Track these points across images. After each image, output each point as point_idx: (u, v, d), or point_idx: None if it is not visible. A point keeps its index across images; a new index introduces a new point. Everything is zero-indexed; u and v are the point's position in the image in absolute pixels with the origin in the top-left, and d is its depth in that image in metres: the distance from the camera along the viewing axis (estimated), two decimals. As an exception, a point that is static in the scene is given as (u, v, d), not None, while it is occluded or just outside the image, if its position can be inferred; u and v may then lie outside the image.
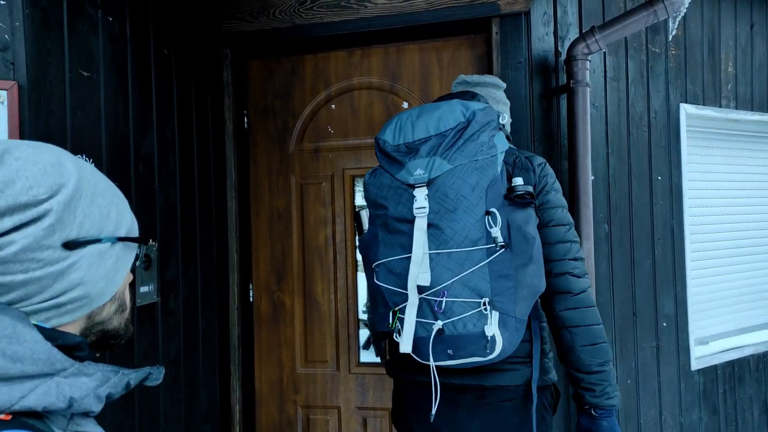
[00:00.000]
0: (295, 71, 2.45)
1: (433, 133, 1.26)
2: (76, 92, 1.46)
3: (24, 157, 0.64)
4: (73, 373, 0.62)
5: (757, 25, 2.93)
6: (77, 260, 0.67)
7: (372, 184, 1.33)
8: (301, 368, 2.42)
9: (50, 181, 0.64)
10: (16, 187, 0.62)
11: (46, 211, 0.63)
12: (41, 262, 0.63)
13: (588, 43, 2.07)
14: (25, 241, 0.62)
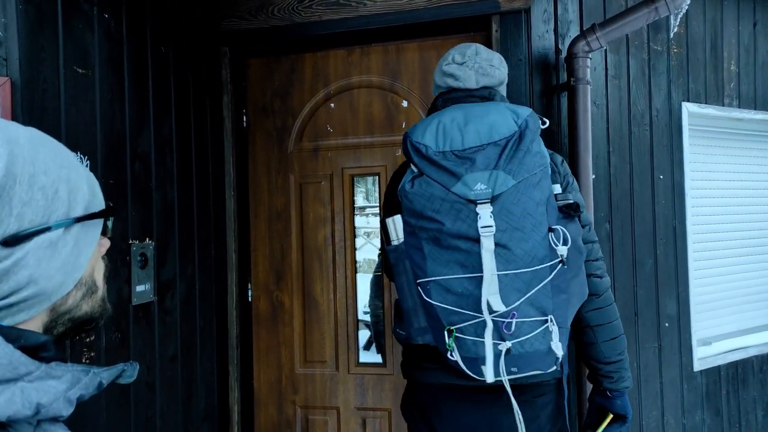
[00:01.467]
0: (295, 70, 2.44)
1: (485, 141, 1.20)
2: (71, 89, 1.45)
3: None
4: (39, 376, 0.56)
5: (760, 23, 2.90)
6: (22, 257, 0.58)
7: (418, 195, 1.23)
8: (300, 368, 2.41)
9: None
10: None
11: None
12: None
13: (589, 41, 2.05)
14: None
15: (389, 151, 2.35)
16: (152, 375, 1.78)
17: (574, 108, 2.07)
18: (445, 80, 1.45)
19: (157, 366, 1.80)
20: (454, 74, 1.43)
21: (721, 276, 2.83)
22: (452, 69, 1.43)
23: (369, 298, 2.57)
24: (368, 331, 3.63)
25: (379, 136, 2.36)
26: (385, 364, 2.33)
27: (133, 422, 1.67)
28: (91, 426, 1.48)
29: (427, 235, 1.24)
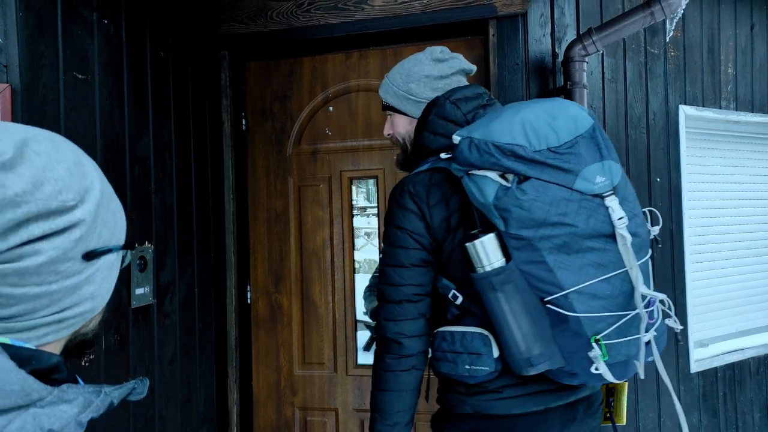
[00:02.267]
0: (293, 73, 2.46)
1: (575, 134, 1.13)
2: (71, 95, 1.46)
3: (46, 152, 0.55)
4: (52, 401, 0.55)
5: (757, 26, 2.92)
6: (93, 273, 0.60)
7: (538, 200, 1.09)
8: (299, 370, 2.42)
9: (77, 184, 0.57)
10: (46, 190, 0.54)
11: (78, 221, 0.57)
12: (59, 275, 0.56)
13: (585, 45, 2.06)
14: (52, 254, 0.55)
15: (387, 155, 2.37)
16: (151, 377, 1.79)
17: (571, 112, 2.08)
18: (451, 80, 1.40)
19: (156, 368, 1.82)
20: (454, 71, 1.41)
21: (717, 278, 2.84)
22: (446, 68, 1.41)
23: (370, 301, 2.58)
24: (368, 332, 3.66)
25: (378, 140, 2.38)
26: (383, 366, 2.35)
27: (132, 424, 1.68)
28: (90, 428, 1.49)
29: (551, 245, 1.11)
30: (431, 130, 1.31)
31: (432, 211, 1.25)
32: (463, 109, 1.31)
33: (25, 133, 0.56)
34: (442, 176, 1.26)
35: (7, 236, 0.52)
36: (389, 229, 1.28)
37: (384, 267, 1.28)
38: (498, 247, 1.14)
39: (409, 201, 1.27)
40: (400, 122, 1.45)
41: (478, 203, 1.16)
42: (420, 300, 1.26)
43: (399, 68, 1.44)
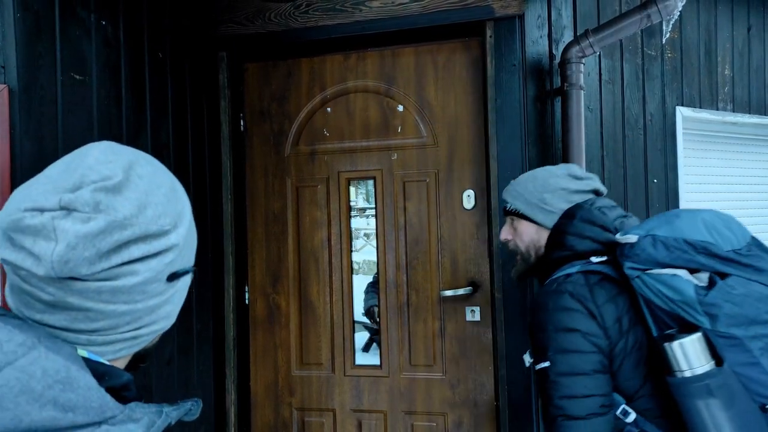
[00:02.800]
0: (291, 74, 2.46)
1: (748, 239, 1.12)
2: (68, 95, 1.47)
3: (148, 176, 0.59)
4: (122, 420, 0.56)
5: (754, 27, 2.93)
6: (173, 294, 0.63)
7: (747, 296, 1.04)
8: (297, 370, 2.42)
9: (172, 209, 0.60)
10: (148, 214, 0.57)
11: (172, 246, 0.59)
12: (146, 295, 0.59)
13: (582, 46, 2.07)
14: (147, 275, 0.57)
15: (385, 155, 2.37)
16: (149, 378, 1.79)
17: (567, 113, 2.09)
18: (584, 198, 1.39)
19: (153, 368, 1.82)
20: (588, 190, 1.41)
21: (715, 279, 2.84)
22: (582, 185, 1.40)
23: (367, 299, 2.59)
24: (367, 333, 3.66)
25: (375, 141, 2.38)
26: (381, 366, 2.35)
27: (130, 424, 1.69)
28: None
29: (762, 344, 1.05)
30: (578, 234, 1.29)
31: (602, 311, 1.18)
32: (610, 216, 1.31)
33: (130, 155, 0.60)
34: (599, 278, 1.22)
35: (110, 256, 0.55)
36: (551, 335, 1.17)
37: (557, 378, 1.14)
38: (706, 348, 1.06)
39: (571, 301, 1.19)
40: (526, 230, 1.43)
41: (666, 302, 1.09)
42: (607, 412, 1.14)
43: (530, 177, 1.44)
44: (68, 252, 0.53)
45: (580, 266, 1.25)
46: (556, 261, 1.32)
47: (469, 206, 2.29)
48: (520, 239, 1.44)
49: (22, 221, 0.53)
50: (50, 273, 0.53)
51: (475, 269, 2.28)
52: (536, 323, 1.23)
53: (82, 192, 0.54)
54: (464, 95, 2.31)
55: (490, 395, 2.25)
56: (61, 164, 0.59)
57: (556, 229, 1.34)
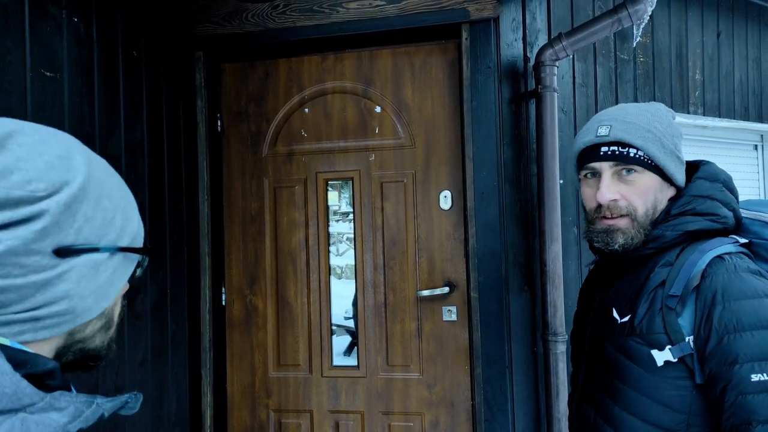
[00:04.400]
0: (269, 75, 2.46)
1: None
2: (38, 92, 1.45)
3: (29, 144, 0.56)
4: (42, 408, 0.53)
5: (723, 33, 3.00)
6: (67, 270, 0.58)
7: None
8: (274, 372, 2.41)
9: (54, 176, 0.56)
10: (13, 179, 0.54)
11: (42, 212, 0.55)
12: (25, 269, 0.55)
13: (555, 50, 2.11)
14: (10, 243, 0.54)
15: (363, 156, 2.38)
16: (121, 378, 1.77)
17: (541, 115, 2.12)
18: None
19: (126, 369, 1.80)
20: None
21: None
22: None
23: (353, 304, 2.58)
24: (349, 337, 3.65)
25: (353, 141, 2.39)
26: (358, 366, 2.35)
27: (102, 426, 1.66)
28: (57, 429, 1.47)
29: None
30: (726, 203, 1.05)
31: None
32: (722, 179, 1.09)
33: (16, 126, 0.57)
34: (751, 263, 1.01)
35: None
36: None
37: None
38: None
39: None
40: (651, 185, 1.06)
41: None
42: None
43: (655, 113, 1.08)
44: None
45: (734, 246, 1.01)
46: (697, 234, 1.04)
47: (446, 207, 2.30)
48: (640, 198, 1.06)
49: None
50: None
51: (452, 269, 2.29)
52: (743, 315, 0.93)
53: None
54: (441, 97, 2.33)
55: (466, 394, 2.26)
56: None
57: (699, 193, 1.04)
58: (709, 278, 0.97)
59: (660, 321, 0.99)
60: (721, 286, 0.95)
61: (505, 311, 2.14)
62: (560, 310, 2.12)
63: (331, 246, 2.46)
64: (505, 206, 2.17)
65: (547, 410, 2.14)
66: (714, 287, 0.96)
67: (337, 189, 3.21)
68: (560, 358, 2.10)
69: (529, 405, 2.17)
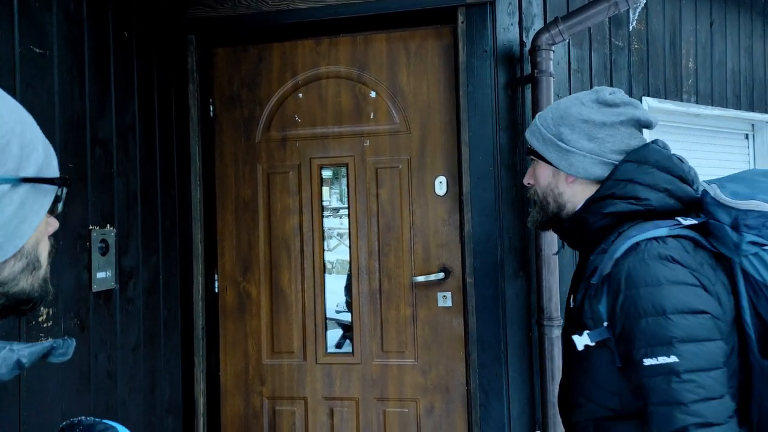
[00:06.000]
0: (262, 59, 2.43)
1: None
2: (27, 69, 1.41)
3: None
4: None
5: (716, 22, 3.01)
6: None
7: None
8: (267, 359, 2.39)
9: None
10: None
11: None
12: None
13: (552, 34, 2.09)
14: None
15: (357, 142, 2.36)
16: (113, 364, 1.74)
17: (538, 99, 2.11)
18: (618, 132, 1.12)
19: (118, 355, 1.77)
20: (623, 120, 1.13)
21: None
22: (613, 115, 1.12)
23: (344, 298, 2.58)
24: (340, 330, 3.63)
25: (348, 127, 2.37)
26: (353, 353, 2.34)
27: (93, 411, 1.64)
28: (48, 415, 1.44)
29: None
30: (652, 185, 1.05)
31: (717, 288, 0.96)
32: (686, 164, 1.10)
33: None
34: (692, 245, 1.00)
35: None
36: (675, 320, 0.91)
37: (690, 377, 0.90)
38: None
39: (685, 273, 0.95)
40: (543, 172, 1.17)
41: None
42: (736, 415, 0.92)
43: (555, 107, 1.18)
44: None
45: (668, 229, 1.00)
46: (618, 217, 1.06)
47: (441, 192, 2.29)
48: (537, 184, 1.20)
49: None
50: None
51: (447, 255, 2.28)
52: (640, 302, 0.95)
53: None
54: (436, 82, 2.31)
55: (461, 380, 2.26)
56: None
57: (619, 177, 1.07)
58: (617, 266, 0.99)
59: (588, 307, 1.04)
60: (625, 273, 0.97)
61: (500, 296, 2.14)
62: (555, 295, 2.12)
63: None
64: (501, 191, 2.16)
65: (542, 395, 2.14)
66: (620, 275, 0.98)
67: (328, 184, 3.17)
68: (555, 343, 2.11)
69: (524, 390, 2.18)
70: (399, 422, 2.29)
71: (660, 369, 0.91)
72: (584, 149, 1.11)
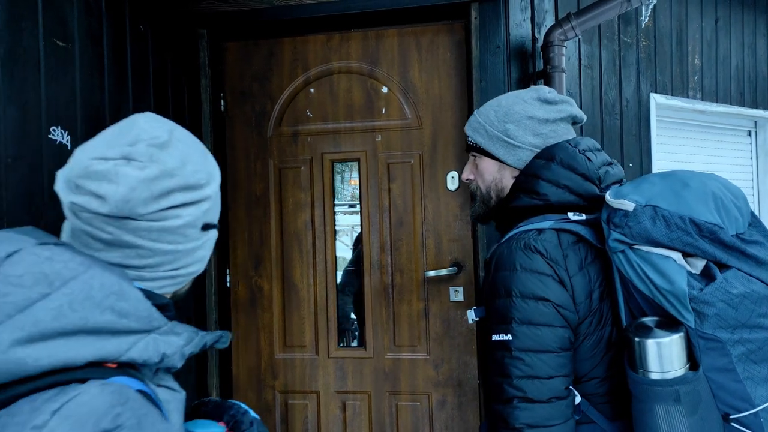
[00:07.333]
0: (273, 54, 2.43)
1: (749, 219, 0.98)
2: (51, 61, 1.41)
3: (185, 140, 0.73)
4: (166, 331, 0.67)
5: (721, 20, 3.04)
6: (205, 241, 0.76)
7: (744, 297, 0.90)
8: (280, 353, 2.40)
9: (205, 168, 0.73)
10: (188, 169, 0.70)
11: (207, 197, 0.73)
12: (186, 238, 0.72)
13: (564, 30, 2.11)
14: (187, 219, 0.70)
15: (369, 137, 2.37)
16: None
17: (551, 94, 2.13)
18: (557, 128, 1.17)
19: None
20: (562, 116, 1.18)
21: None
22: (554, 112, 1.17)
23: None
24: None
25: (359, 122, 2.38)
26: (365, 347, 2.35)
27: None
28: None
29: (742, 350, 0.92)
30: (553, 181, 1.10)
31: (573, 281, 1.02)
32: (595, 162, 1.13)
33: (169, 123, 0.74)
34: (573, 239, 1.05)
35: (160, 200, 0.68)
36: (517, 302, 1.00)
37: (519, 355, 0.99)
38: (684, 350, 0.93)
39: (541, 263, 1.02)
40: (488, 167, 1.22)
41: (650, 288, 0.94)
42: (569, 395, 1.00)
43: (495, 104, 1.22)
44: (129, 193, 0.65)
45: (554, 222, 1.07)
46: (523, 210, 1.13)
47: (453, 187, 2.31)
48: (481, 178, 1.23)
49: (90, 167, 0.66)
50: (113, 211, 0.65)
51: (459, 250, 2.30)
52: (497, 283, 1.04)
53: (138, 146, 0.67)
54: (448, 77, 2.32)
55: (473, 374, 2.28)
56: (114, 128, 0.72)
57: (527, 171, 1.14)
58: (494, 251, 1.11)
59: (481, 287, 1.16)
60: (495, 258, 1.09)
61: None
62: (567, 289, 2.14)
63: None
64: (514, 186, 2.18)
65: (554, 388, 2.16)
66: (492, 260, 1.10)
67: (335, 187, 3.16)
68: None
69: (536, 383, 2.20)
70: (412, 416, 2.31)
71: (499, 345, 1.01)
72: (530, 144, 1.16)
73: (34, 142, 1.34)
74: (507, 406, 0.98)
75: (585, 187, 1.10)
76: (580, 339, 1.03)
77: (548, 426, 0.96)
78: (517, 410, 0.97)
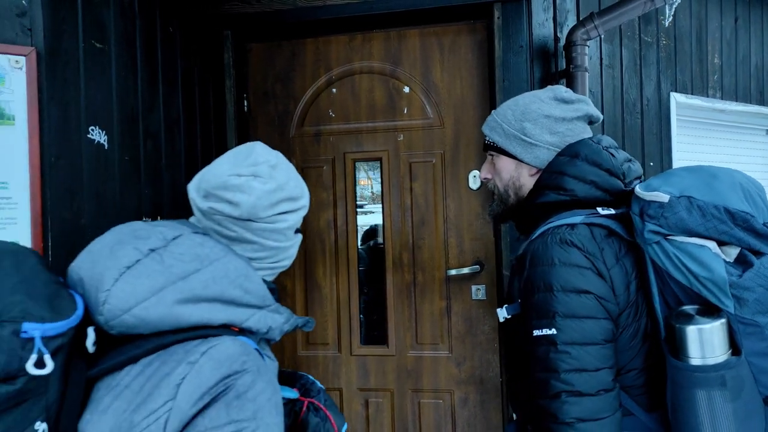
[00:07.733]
0: (296, 55, 2.45)
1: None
2: (90, 63, 1.44)
3: (286, 163, 0.97)
4: (273, 310, 0.89)
5: (741, 19, 3.03)
6: (297, 242, 1.00)
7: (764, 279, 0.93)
8: (303, 351, 2.43)
9: (302, 185, 0.98)
10: (290, 185, 0.93)
11: (302, 206, 0.97)
12: (287, 238, 0.95)
13: (587, 29, 2.12)
14: (290, 222, 0.94)
15: (391, 136, 2.39)
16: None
17: (574, 94, 2.14)
18: (574, 126, 1.20)
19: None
20: (578, 116, 1.21)
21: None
22: (570, 111, 1.20)
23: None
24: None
25: (381, 122, 2.40)
26: (388, 345, 2.37)
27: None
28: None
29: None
30: (580, 177, 1.12)
31: (612, 273, 1.03)
32: (618, 158, 1.15)
33: (275, 151, 0.97)
34: (605, 233, 1.07)
35: (275, 207, 0.90)
36: (559, 296, 1.01)
37: (566, 348, 0.99)
38: (726, 335, 0.94)
39: (579, 257, 1.03)
40: (505, 166, 1.24)
41: (689, 277, 0.96)
42: (615, 387, 1.01)
43: (512, 104, 1.24)
44: (256, 201, 0.88)
45: (585, 217, 1.08)
46: (548, 206, 1.15)
47: (475, 186, 2.32)
48: (498, 177, 1.26)
49: (229, 181, 0.88)
50: (243, 215, 0.88)
51: (481, 248, 2.31)
52: (535, 279, 1.05)
53: (260, 167, 0.90)
54: (470, 77, 2.34)
55: (495, 372, 2.29)
56: (235, 152, 0.95)
57: (551, 169, 1.16)
58: (528, 247, 1.10)
59: (511, 284, 1.16)
60: (531, 254, 1.08)
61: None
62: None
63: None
64: (537, 185, 2.19)
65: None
66: (527, 256, 1.09)
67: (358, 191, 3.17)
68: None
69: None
70: (434, 413, 2.33)
71: (543, 340, 1.01)
72: (547, 142, 1.19)
73: (74, 141, 1.37)
74: (555, 401, 0.98)
75: (611, 183, 1.13)
76: (619, 330, 1.04)
77: (598, 419, 0.96)
78: (566, 405, 0.97)
